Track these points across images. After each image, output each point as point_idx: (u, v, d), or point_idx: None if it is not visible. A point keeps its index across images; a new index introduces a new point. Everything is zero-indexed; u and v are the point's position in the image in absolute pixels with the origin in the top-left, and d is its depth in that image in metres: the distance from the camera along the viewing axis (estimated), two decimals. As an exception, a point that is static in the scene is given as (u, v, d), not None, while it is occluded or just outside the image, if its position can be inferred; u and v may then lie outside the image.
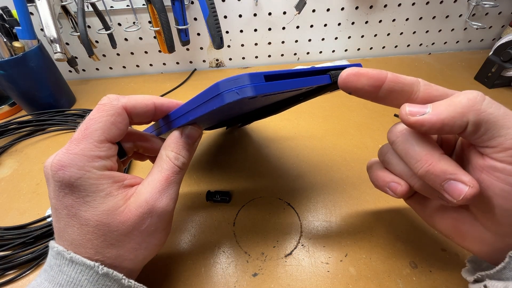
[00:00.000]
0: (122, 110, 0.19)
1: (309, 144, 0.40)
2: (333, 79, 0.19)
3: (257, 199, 0.32)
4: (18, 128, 0.44)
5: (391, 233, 0.28)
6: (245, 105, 0.21)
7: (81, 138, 0.18)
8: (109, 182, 0.18)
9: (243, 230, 0.29)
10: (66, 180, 0.17)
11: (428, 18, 0.58)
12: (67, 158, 0.17)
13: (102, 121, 0.18)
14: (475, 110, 0.15)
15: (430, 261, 0.26)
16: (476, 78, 0.52)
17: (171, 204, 0.19)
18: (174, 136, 0.20)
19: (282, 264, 0.26)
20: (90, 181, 0.17)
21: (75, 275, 0.17)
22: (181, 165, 0.20)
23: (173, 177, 0.19)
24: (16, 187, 0.36)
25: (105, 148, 0.18)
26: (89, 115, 0.18)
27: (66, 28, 0.51)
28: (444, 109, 0.15)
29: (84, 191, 0.17)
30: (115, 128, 0.18)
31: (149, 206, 0.18)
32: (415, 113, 0.16)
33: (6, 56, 0.41)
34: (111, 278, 0.18)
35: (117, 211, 0.18)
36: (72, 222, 0.17)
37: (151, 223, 0.19)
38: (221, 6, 0.52)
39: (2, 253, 0.28)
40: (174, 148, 0.19)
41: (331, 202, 0.32)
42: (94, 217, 0.17)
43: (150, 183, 0.19)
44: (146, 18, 0.53)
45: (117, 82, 0.58)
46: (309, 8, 0.54)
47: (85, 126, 0.18)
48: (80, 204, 0.17)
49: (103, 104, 0.19)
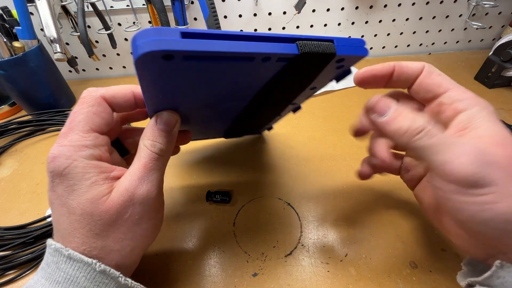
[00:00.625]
0: (101, 99, 0.20)
1: (309, 144, 0.40)
2: (301, 50, 0.16)
3: (257, 199, 0.32)
4: (18, 128, 0.44)
5: (391, 233, 0.28)
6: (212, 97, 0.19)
7: (67, 131, 0.18)
8: (95, 172, 0.18)
9: (243, 230, 0.29)
10: (56, 170, 0.18)
11: (428, 18, 0.58)
12: (56, 150, 0.18)
13: (84, 112, 0.19)
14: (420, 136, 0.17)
15: (430, 261, 0.26)
16: (476, 78, 0.52)
17: (152, 190, 0.19)
18: (149, 124, 0.20)
19: (282, 264, 0.26)
20: (77, 170, 0.18)
21: (72, 272, 0.17)
22: (158, 151, 0.19)
23: (152, 163, 0.19)
24: (16, 187, 0.36)
25: (91, 138, 0.19)
26: (73, 110, 0.19)
27: (66, 28, 0.51)
28: (397, 121, 0.18)
29: (72, 180, 0.18)
30: (97, 117, 0.19)
31: (129, 194, 0.18)
32: (376, 111, 0.19)
33: (6, 56, 0.41)
34: (108, 276, 0.18)
35: (100, 200, 0.18)
36: (63, 211, 0.18)
37: (133, 211, 0.19)
38: (221, 6, 0.52)
39: (2, 253, 0.28)
40: (150, 136, 0.19)
41: (331, 202, 0.32)
42: (79, 205, 0.18)
43: (130, 172, 0.19)
44: (146, 18, 0.53)
45: (117, 82, 0.58)
46: (309, 8, 0.54)
47: (70, 120, 0.19)
48: (68, 193, 0.18)
49: (83, 97, 0.20)
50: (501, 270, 0.17)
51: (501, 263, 0.17)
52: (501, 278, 0.17)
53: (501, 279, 0.17)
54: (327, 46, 0.18)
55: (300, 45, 0.17)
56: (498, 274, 0.17)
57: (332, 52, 0.18)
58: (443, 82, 0.19)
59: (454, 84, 0.20)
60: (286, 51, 0.16)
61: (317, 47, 0.17)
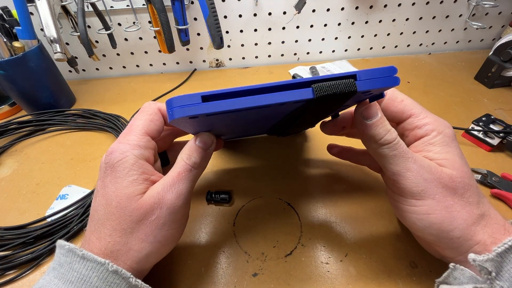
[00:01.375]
0: (158, 110, 0.23)
1: (309, 144, 0.40)
2: (317, 94, 0.16)
3: (257, 199, 0.32)
4: (18, 128, 0.44)
5: (391, 233, 0.28)
6: (240, 118, 0.21)
7: (127, 133, 0.21)
8: (139, 171, 0.20)
9: (243, 230, 0.29)
10: (111, 162, 0.20)
11: (428, 18, 0.58)
12: (115, 145, 0.20)
13: (143, 119, 0.22)
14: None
15: (430, 261, 0.26)
16: (476, 78, 0.52)
17: (181, 199, 0.20)
18: (189, 142, 0.22)
19: (282, 264, 0.26)
20: (125, 165, 0.20)
21: (86, 272, 0.18)
22: (192, 164, 0.21)
23: (184, 173, 0.21)
24: (16, 187, 0.36)
25: (145, 140, 0.21)
26: (134, 116, 0.23)
27: (66, 28, 0.51)
28: (377, 128, 0.20)
29: (119, 172, 0.20)
30: (152, 124, 0.22)
31: (159, 197, 0.20)
32: (364, 114, 0.21)
33: (6, 56, 0.41)
34: (119, 276, 0.18)
35: (135, 198, 0.19)
36: (102, 201, 0.20)
37: (159, 215, 0.20)
38: (221, 6, 0.52)
39: (2, 253, 0.28)
40: (187, 151, 0.21)
41: (331, 202, 0.32)
42: (116, 198, 0.19)
43: (164, 178, 0.21)
44: (146, 18, 0.53)
45: (117, 82, 0.58)
46: (309, 8, 0.54)
47: (130, 124, 0.22)
48: (112, 184, 0.20)
49: (144, 107, 0.23)
50: (454, 271, 0.20)
51: (454, 266, 0.20)
52: (457, 279, 0.20)
53: (457, 280, 0.20)
54: (347, 84, 0.17)
55: (315, 88, 0.17)
56: (453, 275, 0.20)
57: (352, 90, 0.17)
58: (405, 109, 0.22)
59: (415, 108, 0.22)
60: (300, 97, 0.16)
61: (335, 87, 0.17)
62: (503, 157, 0.36)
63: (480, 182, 0.33)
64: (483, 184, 0.33)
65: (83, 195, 0.33)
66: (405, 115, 0.22)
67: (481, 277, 0.18)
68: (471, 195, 0.20)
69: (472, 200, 0.19)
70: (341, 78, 0.17)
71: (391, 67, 0.18)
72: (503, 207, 0.30)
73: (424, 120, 0.21)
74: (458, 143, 0.21)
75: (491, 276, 0.17)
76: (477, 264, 0.18)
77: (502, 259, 0.17)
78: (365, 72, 0.18)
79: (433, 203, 0.19)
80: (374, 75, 0.18)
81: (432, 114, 0.22)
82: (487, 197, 0.31)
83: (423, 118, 0.21)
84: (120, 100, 0.52)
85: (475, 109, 0.44)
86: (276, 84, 0.16)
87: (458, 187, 0.19)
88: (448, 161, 0.20)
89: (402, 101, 0.22)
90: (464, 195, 0.19)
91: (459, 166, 0.20)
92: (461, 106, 0.45)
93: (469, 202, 0.19)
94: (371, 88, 0.18)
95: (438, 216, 0.19)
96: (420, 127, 0.21)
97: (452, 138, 0.21)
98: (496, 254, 0.17)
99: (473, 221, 0.19)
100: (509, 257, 0.17)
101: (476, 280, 0.19)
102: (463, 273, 0.19)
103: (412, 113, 0.22)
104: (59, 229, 0.30)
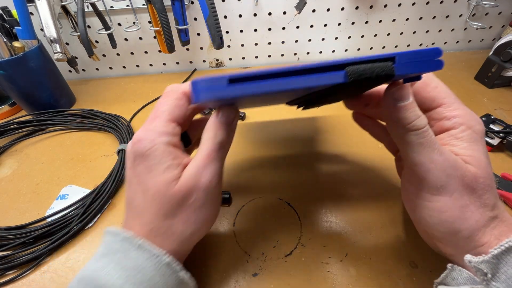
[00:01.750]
0: (182, 94, 0.22)
1: (309, 143, 0.40)
2: (350, 78, 0.15)
3: (257, 199, 0.32)
4: (18, 128, 0.44)
5: (391, 233, 0.28)
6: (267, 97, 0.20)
7: (153, 118, 0.21)
8: (171, 157, 0.20)
9: (243, 230, 0.29)
10: (140, 151, 0.20)
11: (428, 18, 0.57)
12: (142, 134, 0.20)
13: (168, 103, 0.21)
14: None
15: (430, 261, 0.26)
16: (476, 78, 0.52)
17: (214, 179, 0.21)
18: (211, 118, 0.21)
19: (282, 264, 0.26)
20: (157, 153, 0.19)
21: (141, 261, 0.18)
22: (219, 142, 0.21)
23: (213, 154, 0.21)
24: (16, 187, 0.36)
25: (171, 127, 0.21)
26: (158, 100, 0.22)
27: (66, 28, 0.51)
28: (408, 112, 0.19)
29: (151, 161, 0.20)
30: (178, 109, 0.21)
31: (195, 180, 0.20)
32: (396, 95, 0.19)
33: (6, 56, 0.41)
34: (171, 269, 0.19)
35: (172, 183, 0.20)
36: (139, 189, 0.20)
37: (197, 197, 0.20)
38: (221, 6, 0.52)
39: (2, 253, 0.28)
40: (212, 129, 0.21)
41: (331, 202, 0.32)
42: (154, 186, 0.19)
43: (195, 160, 0.21)
44: (146, 18, 0.53)
45: (117, 82, 0.58)
46: (309, 8, 0.54)
47: (155, 109, 0.21)
48: (146, 173, 0.20)
49: (168, 91, 0.22)
50: (452, 272, 0.20)
51: (452, 266, 0.20)
52: (455, 280, 0.19)
53: (455, 281, 0.19)
54: (383, 67, 0.16)
55: (349, 72, 0.15)
56: (451, 276, 0.20)
57: (389, 73, 0.16)
58: (437, 96, 0.21)
59: (448, 98, 0.21)
60: (333, 81, 0.15)
61: (371, 70, 0.16)
62: (503, 157, 0.36)
63: (480, 182, 0.33)
64: (483, 184, 0.33)
65: (83, 195, 0.33)
66: (435, 103, 0.21)
67: (478, 278, 0.18)
68: (489, 197, 0.19)
69: (488, 202, 0.19)
70: (379, 60, 0.16)
71: (436, 49, 0.17)
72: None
73: (454, 112, 0.20)
74: (485, 141, 0.20)
75: (487, 278, 0.17)
76: (473, 266, 0.18)
77: (498, 261, 0.17)
78: (405, 54, 0.16)
79: (449, 201, 0.19)
80: (415, 58, 0.16)
81: (464, 106, 0.20)
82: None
83: (454, 109, 0.20)
84: (120, 100, 0.52)
85: (475, 109, 0.44)
86: (307, 67, 0.15)
87: (478, 187, 0.18)
88: (474, 159, 0.19)
89: (436, 88, 0.21)
90: (482, 196, 0.19)
91: (485, 165, 0.19)
92: (461, 106, 0.45)
93: (485, 204, 0.19)
94: (411, 73, 0.16)
95: (451, 215, 0.19)
96: (449, 119, 0.20)
97: (481, 135, 0.20)
98: (491, 256, 0.17)
99: (484, 223, 0.18)
100: (506, 259, 0.17)
101: (474, 281, 0.18)
102: (461, 273, 0.19)
103: (443, 102, 0.20)
104: (59, 229, 0.30)
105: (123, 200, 0.34)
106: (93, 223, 0.31)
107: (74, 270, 0.27)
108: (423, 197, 0.20)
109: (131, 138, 0.40)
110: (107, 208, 0.33)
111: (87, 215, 0.31)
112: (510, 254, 0.17)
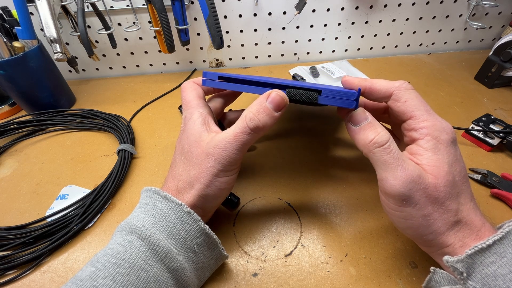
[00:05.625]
0: (194, 83, 0.28)
1: (309, 143, 0.40)
2: (288, 96, 0.22)
3: (257, 199, 0.32)
4: (18, 128, 0.44)
5: (391, 233, 0.28)
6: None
7: (187, 103, 0.27)
8: (201, 121, 0.25)
9: (243, 230, 0.29)
10: (185, 120, 0.26)
11: (428, 18, 0.57)
12: (185, 112, 0.27)
13: (190, 91, 0.28)
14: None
15: (430, 261, 0.25)
16: (476, 78, 0.52)
17: (235, 154, 0.23)
18: (259, 99, 0.23)
19: (282, 264, 0.26)
20: (193, 118, 0.25)
21: (166, 210, 0.22)
22: (253, 127, 0.22)
23: (241, 136, 0.22)
24: (16, 187, 0.36)
25: (201, 102, 0.27)
26: (182, 96, 0.28)
27: (66, 28, 0.51)
28: (365, 132, 0.22)
29: (189, 125, 0.25)
30: (196, 92, 0.28)
31: (217, 150, 0.23)
32: (351, 120, 0.23)
33: (6, 56, 0.41)
34: (191, 217, 0.22)
35: (199, 144, 0.24)
36: (179, 149, 0.26)
37: (214, 165, 0.23)
38: (221, 6, 0.52)
39: (2, 253, 0.28)
40: (254, 110, 0.22)
41: (331, 202, 0.32)
42: (187, 144, 0.24)
43: (223, 135, 0.23)
44: (146, 18, 0.53)
45: (117, 82, 0.58)
46: (309, 8, 0.54)
47: (184, 99, 0.28)
48: (183, 133, 0.25)
49: (184, 87, 0.28)
50: (435, 275, 0.21)
51: (434, 269, 0.21)
52: (438, 283, 0.21)
53: (438, 283, 0.21)
54: (310, 95, 0.22)
55: (287, 92, 0.23)
56: (434, 279, 0.21)
57: (313, 102, 0.22)
58: (406, 110, 0.22)
59: (417, 110, 0.22)
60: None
61: (301, 95, 0.22)
62: (503, 157, 0.36)
63: (480, 182, 0.33)
64: (483, 184, 0.33)
65: (83, 195, 0.33)
66: (406, 116, 0.22)
67: (456, 278, 0.19)
68: (451, 203, 0.20)
69: (451, 208, 0.20)
70: (308, 89, 0.22)
71: (352, 92, 0.21)
72: (503, 207, 0.30)
73: (421, 124, 0.21)
74: (454, 148, 0.21)
75: (463, 277, 0.18)
76: (450, 265, 0.19)
77: (473, 261, 0.18)
78: (329, 90, 0.21)
79: (413, 211, 0.20)
80: (335, 95, 0.21)
81: (435, 117, 0.22)
82: (487, 197, 0.31)
83: (422, 121, 0.21)
84: (120, 100, 0.52)
85: (475, 109, 0.44)
86: (265, 81, 0.23)
87: (440, 196, 0.20)
88: (434, 169, 0.20)
89: (405, 102, 0.22)
90: (444, 203, 0.20)
91: (445, 174, 0.20)
92: (461, 106, 0.45)
93: (448, 210, 0.20)
94: (330, 104, 0.22)
95: (415, 223, 0.20)
96: (417, 130, 0.22)
97: (446, 144, 0.21)
98: (466, 256, 0.18)
99: (447, 227, 0.20)
100: (480, 259, 0.18)
101: (454, 282, 0.20)
102: (443, 276, 0.20)
103: (412, 114, 0.22)
104: (59, 229, 0.30)
105: (123, 200, 0.34)
106: (93, 223, 0.31)
107: (74, 270, 0.27)
108: (391, 206, 0.21)
109: (131, 138, 0.40)
110: (107, 208, 0.33)
111: (87, 215, 0.31)
112: (484, 254, 0.18)
